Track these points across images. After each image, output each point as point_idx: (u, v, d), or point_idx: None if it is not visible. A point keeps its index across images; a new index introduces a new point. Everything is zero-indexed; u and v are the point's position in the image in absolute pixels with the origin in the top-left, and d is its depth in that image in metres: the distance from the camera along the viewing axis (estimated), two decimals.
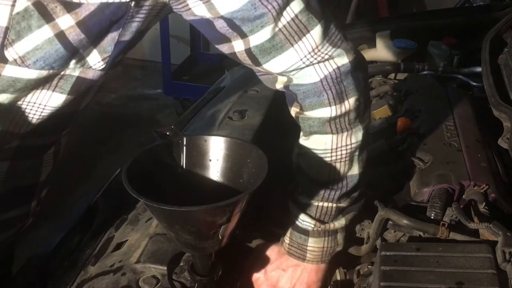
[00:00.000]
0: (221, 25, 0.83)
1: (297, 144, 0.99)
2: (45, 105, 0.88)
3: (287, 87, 0.93)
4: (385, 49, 1.90)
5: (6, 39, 0.78)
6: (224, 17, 0.81)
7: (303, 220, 0.99)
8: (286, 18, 0.82)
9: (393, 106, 1.55)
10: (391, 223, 1.06)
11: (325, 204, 0.98)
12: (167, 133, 0.87)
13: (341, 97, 0.90)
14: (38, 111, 0.88)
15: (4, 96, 0.84)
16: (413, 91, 1.55)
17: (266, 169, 0.80)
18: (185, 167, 0.87)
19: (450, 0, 3.31)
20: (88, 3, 0.77)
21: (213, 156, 0.87)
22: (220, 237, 0.80)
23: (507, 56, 1.43)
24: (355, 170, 0.97)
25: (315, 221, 0.99)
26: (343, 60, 0.89)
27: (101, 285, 0.95)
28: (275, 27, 0.83)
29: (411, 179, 1.20)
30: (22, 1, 0.76)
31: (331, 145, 0.94)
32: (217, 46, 0.89)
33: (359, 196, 1.01)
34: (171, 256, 0.97)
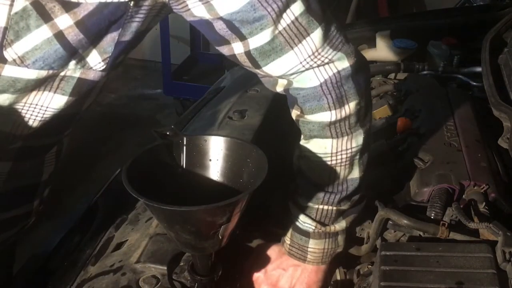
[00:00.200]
0: (220, 27, 0.83)
1: (298, 146, 0.99)
2: (47, 107, 0.87)
3: (287, 91, 0.93)
4: (385, 49, 1.90)
5: (5, 40, 0.77)
6: (223, 19, 0.81)
7: (304, 221, 0.99)
8: (286, 20, 0.82)
9: (393, 106, 1.54)
10: (391, 223, 1.06)
11: (325, 207, 0.98)
12: (167, 133, 0.86)
13: (341, 102, 0.90)
14: (40, 112, 0.88)
15: (5, 96, 0.83)
16: (413, 91, 1.55)
17: (266, 169, 0.80)
18: (185, 167, 0.87)
19: (450, 0, 3.31)
20: (86, 2, 0.77)
21: (213, 156, 0.87)
22: (220, 237, 0.80)
23: (507, 56, 1.43)
24: (356, 173, 0.97)
25: (316, 223, 0.98)
26: (343, 64, 0.88)
27: (101, 285, 0.95)
28: (275, 30, 0.82)
29: (411, 179, 1.20)
30: (20, 0, 0.75)
31: (331, 149, 0.94)
32: (218, 47, 0.88)
33: (360, 198, 1.01)
34: (171, 256, 0.97)
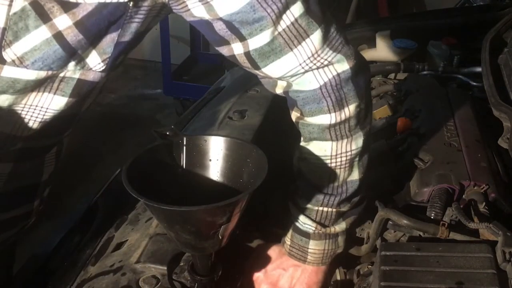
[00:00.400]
0: (220, 27, 0.82)
1: (297, 147, 0.99)
2: (47, 108, 0.87)
3: (287, 93, 0.93)
4: (385, 49, 1.90)
5: (3, 40, 0.77)
6: (223, 19, 0.81)
7: (304, 222, 0.99)
8: (285, 22, 0.81)
9: (393, 106, 1.54)
10: (391, 223, 1.06)
11: (325, 209, 0.98)
12: (167, 133, 0.86)
13: (341, 104, 0.89)
14: (40, 114, 0.88)
15: (4, 97, 0.83)
16: (413, 91, 1.55)
17: (266, 169, 0.79)
18: (185, 167, 0.87)
19: (450, 0, 3.31)
20: (85, 3, 0.76)
21: (213, 156, 0.87)
22: (220, 237, 0.80)
23: (507, 56, 1.43)
24: (355, 175, 0.97)
25: (316, 224, 0.98)
26: (343, 66, 0.88)
27: (101, 285, 0.95)
28: (274, 31, 0.82)
29: (411, 179, 1.20)
30: (19, 1, 0.75)
31: (330, 152, 0.94)
32: (217, 48, 0.88)
33: (360, 200, 1.01)
34: (171, 256, 0.97)
